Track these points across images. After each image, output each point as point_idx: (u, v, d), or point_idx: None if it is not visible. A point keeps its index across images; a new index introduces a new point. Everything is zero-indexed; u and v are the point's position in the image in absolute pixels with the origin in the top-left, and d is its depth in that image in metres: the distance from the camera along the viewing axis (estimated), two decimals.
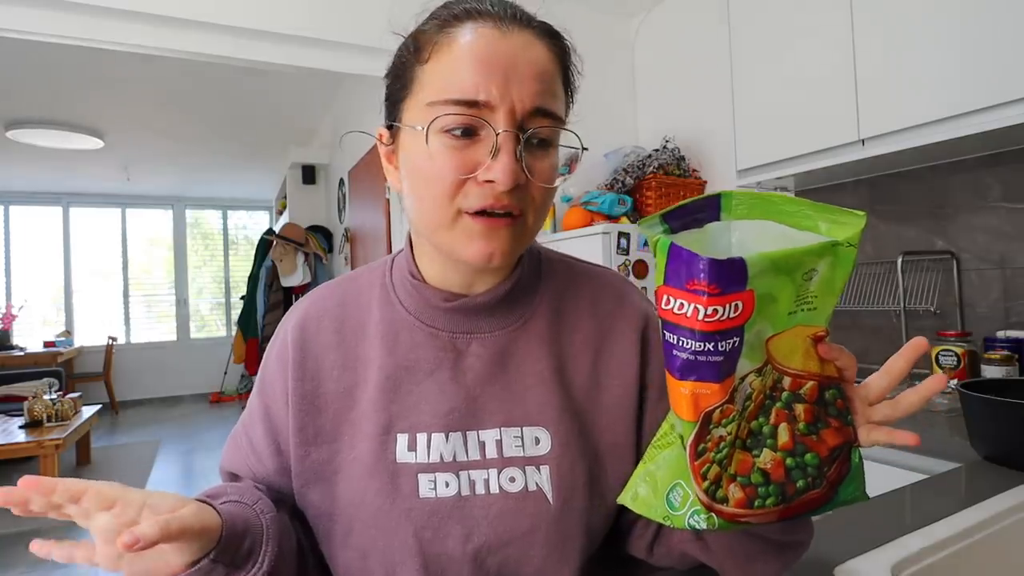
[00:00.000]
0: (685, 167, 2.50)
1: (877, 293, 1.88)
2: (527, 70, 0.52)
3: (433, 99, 0.51)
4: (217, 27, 2.17)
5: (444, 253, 0.56)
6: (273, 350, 0.62)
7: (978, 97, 1.36)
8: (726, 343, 0.39)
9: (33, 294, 6.65)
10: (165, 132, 4.84)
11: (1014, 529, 0.74)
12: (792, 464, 0.44)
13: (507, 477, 0.56)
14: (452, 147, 0.51)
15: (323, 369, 0.59)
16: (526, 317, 0.62)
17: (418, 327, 0.60)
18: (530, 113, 0.52)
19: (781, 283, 0.41)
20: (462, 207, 0.52)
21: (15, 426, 4.02)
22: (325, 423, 0.58)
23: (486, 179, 0.51)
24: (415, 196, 0.55)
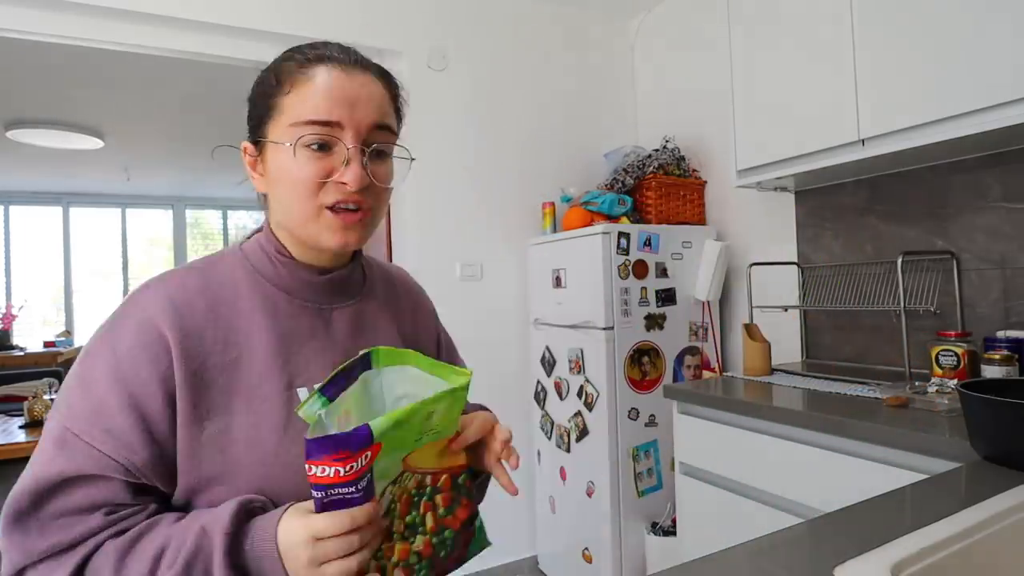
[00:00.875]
0: (685, 167, 2.50)
1: (877, 293, 1.88)
2: (367, 100, 0.68)
3: (295, 121, 0.66)
4: (217, 27, 2.17)
5: (309, 243, 0.70)
6: (127, 339, 0.61)
7: (978, 97, 1.37)
8: (362, 481, 0.53)
9: (33, 294, 6.65)
10: (165, 132, 4.83)
11: (1014, 529, 0.74)
12: (437, 541, 0.63)
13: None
14: (313, 158, 0.66)
15: (206, 345, 0.63)
16: (366, 290, 0.81)
17: (290, 300, 0.72)
18: (371, 130, 0.68)
19: (404, 430, 0.57)
20: (323, 203, 0.67)
21: (15, 426, 4.01)
22: (216, 396, 0.62)
23: (340, 181, 0.66)
24: (283, 197, 0.68)
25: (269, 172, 0.69)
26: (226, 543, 0.54)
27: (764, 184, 2.04)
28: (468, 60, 2.57)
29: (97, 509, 0.56)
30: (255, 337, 0.66)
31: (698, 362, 2.37)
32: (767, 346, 1.90)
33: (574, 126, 2.81)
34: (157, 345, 0.60)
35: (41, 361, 5.60)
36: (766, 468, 1.50)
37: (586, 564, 2.27)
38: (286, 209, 0.68)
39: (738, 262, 2.39)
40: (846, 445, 1.31)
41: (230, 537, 0.55)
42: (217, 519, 0.56)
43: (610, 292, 2.17)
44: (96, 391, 0.59)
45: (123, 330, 0.62)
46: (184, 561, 0.53)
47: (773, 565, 0.66)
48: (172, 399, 0.60)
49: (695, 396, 1.73)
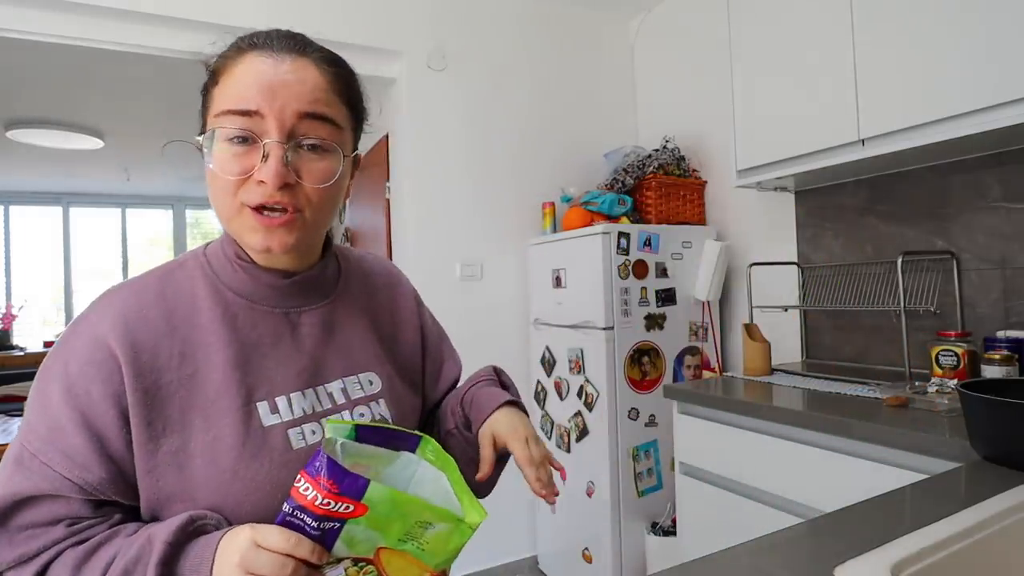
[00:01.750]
0: (685, 167, 2.50)
1: (877, 293, 1.88)
2: (295, 87, 0.61)
3: (217, 111, 0.61)
4: (217, 27, 2.17)
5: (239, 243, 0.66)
6: (76, 355, 0.59)
7: (978, 97, 1.37)
8: (327, 523, 0.51)
9: (33, 294, 6.65)
10: (165, 132, 4.83)
11: (1014, 529, 0.74)
12: None
13: (358, 414, 0.70)
14: (233, 153, 0.61)
15: (160, 360, 0.61)
16: (339, 291, 0.76)
17: (253, 308, 0.67)
18: (298, 119, 0.61)
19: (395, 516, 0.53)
20: (244, 201, 0.61)
21: (15, 426, 4.01)
22: (172, 412, 0.60)
23: (259, 179, 0.60)
24: (210, 193, 0.64)
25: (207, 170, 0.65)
26: (164, 551, 0.53)
27: (764, 184, 2.04)
28: (468, 60, 2.57)
29: (59, 522, 0.57)
30: (213, 349, 0.63)
31: (698, 362, 2.37)
32: (767, 346, 1.90)
33: (574, 126, 2.81)
34: (108, 363, 0.59)
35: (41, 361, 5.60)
36: (766, 468, 1.50)
37: (586, 564, 2.27)
38: (214, 206, 0.64)
39: (738, 262, 2.39)
40: (846, 445, 1.31)
41: (170, 547, 0.54)
42: (162, 529, 0.55)
43: (610, 292, 2.17)
44: (51, 410, 0.58)
45: (75, 347, 0.60)
46: (122, 568, 0.53)
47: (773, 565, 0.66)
48: (126, 417, 0.58)
49: (695, 396, 1.73)
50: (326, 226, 0.68)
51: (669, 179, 2.43)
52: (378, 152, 3.21)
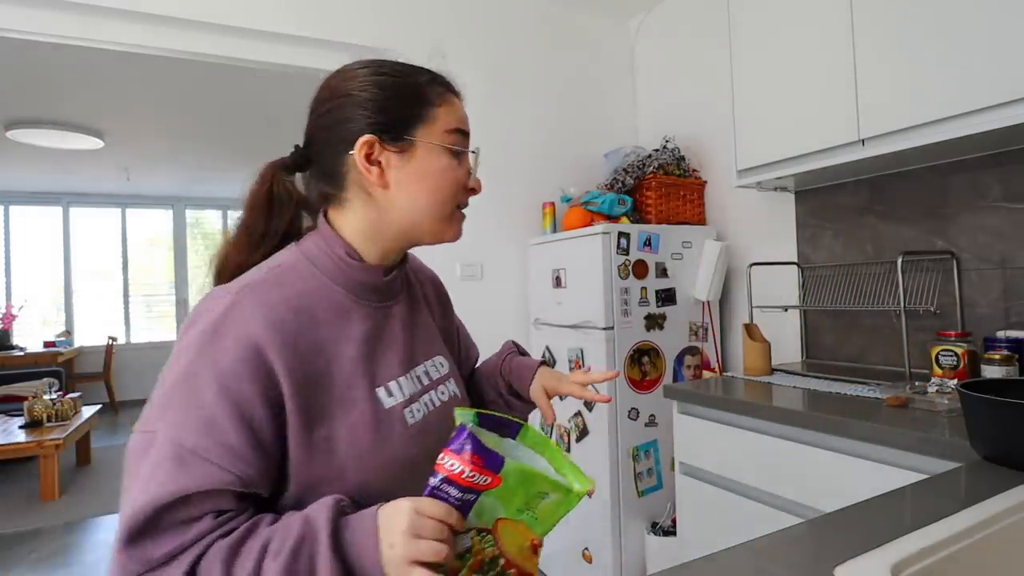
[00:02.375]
0: (685, 167, 2.50)
1: (877, 293, 1.88)
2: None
3: (449, 128, 0.74)
4: (217, 27, 2.17)
5: (423, 237, 0.77)
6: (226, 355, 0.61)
7: (978, 97, 1.37)
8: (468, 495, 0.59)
9: (33, 294, 6.65)
10: (165, 132, 4.84)
11: (1014, 529, 0.74)
12: None
13: (439, 392, 0.81)
14: (457, 164, 0.75)
15: (302, 356, 0.66)
16: (406, 286, 0.85)
17: (358, 303, 0.75)
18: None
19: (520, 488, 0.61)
20: (459, 203, 0.77)
21: (15, 426, 4.02)
22: (318, 402, 0.66)
23: (472, 187, 0.78)
24: (425, 195, 0.73)
25: (412, 170, 0.72)
26: (331, 528, 0.57)
27: (764, 184, 2.04)
28: (468, 60, 2.57)
29: (206, 515, 0.59)
30: (339, 343, 0.70)
31: (698, 362, 2.37)
32: (767, 346, 1.90)
33: (574, 126, 2.81)
34: (258, 360, 0.62)
35: (41, 361, 5.60)
36: (766, 468, 1.50)
37: (586, 564, 2.27)
38: (424, 205, 0.73)
39: (738, 262, 2.39)
40: (846, 445, 1.31)
41: (333, 524, 0.57)
42: (318, 510, 0.59)
43: (610, 292, 2.17)
44: (205, 408, 0.60)
45: (224, 347, 0.62)
46: (290, 548, 0.56)
47: (773, 565, 0.66)
48: (276, 412, 0.62)
49: (695, 396, 1.73)
50: None
51: (669, 179, 2.43)
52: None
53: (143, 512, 0.56)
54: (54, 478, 3.73)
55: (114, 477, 4.20)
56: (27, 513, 3.52)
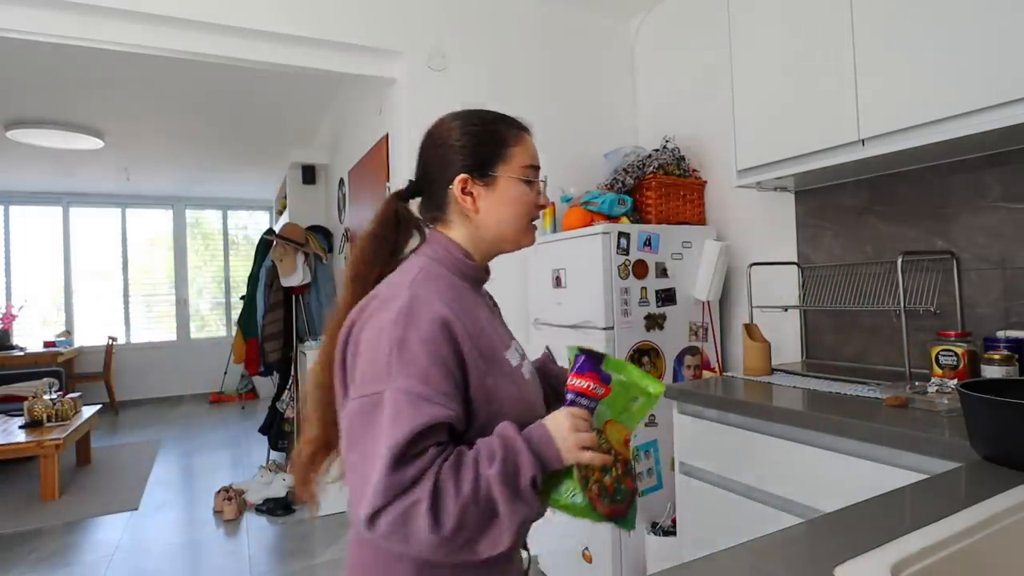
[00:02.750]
0: (685, 167, 2.50)
1: (877, 293, 1.88)
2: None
3: (526, 164, 0.96)
4: (217, 27, 2.17)
5: (509, 245, 0.98)
6: (423, 327, 0.79)
7: (978, 97, 1.37)
8: (592, 404, 0.85)
9: (33, 294, 6.65)
10: (165, 132, 4.84)
11: (1014, 529, 0.74)
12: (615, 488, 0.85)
13: (528, 365, 0.98)
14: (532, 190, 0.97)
15: (470, 327, 0.85)
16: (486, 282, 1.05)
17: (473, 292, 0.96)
18: None
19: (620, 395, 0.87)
20: (532, 218, 0.98)
21: (15, 426, 4.02)
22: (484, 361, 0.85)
23: (543, 204, 0.99)
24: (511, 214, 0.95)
25: (496, 198, 0.94)
26: (520, 436, 0.78)
27: (764, 184, 2.04)
28: (468, 60, 2.57)
29: (433, 445, 0.75)
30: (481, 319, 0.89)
31: (698, 362, 2.37)
32: (767, 346, 1.90)
33: (574, 126, 2.81)
34: (447, 331, 0.80)
35: (41, 361, 5.60)
36: (766, 468, 1.50)
37: (586, 564, 2.27)
38: (511, 223, 0.95)
39: (738, 262, 2.39)
40: (846, 445, 1.31)
41: (521, 434, 0.79)
42: (504, 428, 0.79)
43: (610, 292, 2.17)
44: (419, 365, 0.77)
45: (419, 322, 0.80)
46: (501, 456, 0.75)
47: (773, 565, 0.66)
48: (463, 368, 0.81)
49: (695, 396, 1.73)
50: None
51: (669, 179, 2.43)
52: (378, 152, 3.21)
53: (402, 442, 0.72)
54: (54, 478, 3.73)
55: (114, 477, 4.20)
56: (27, 513, 3.52)
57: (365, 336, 0.81)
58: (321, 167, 5.45)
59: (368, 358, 0.79)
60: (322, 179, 5.48)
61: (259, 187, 7.09)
